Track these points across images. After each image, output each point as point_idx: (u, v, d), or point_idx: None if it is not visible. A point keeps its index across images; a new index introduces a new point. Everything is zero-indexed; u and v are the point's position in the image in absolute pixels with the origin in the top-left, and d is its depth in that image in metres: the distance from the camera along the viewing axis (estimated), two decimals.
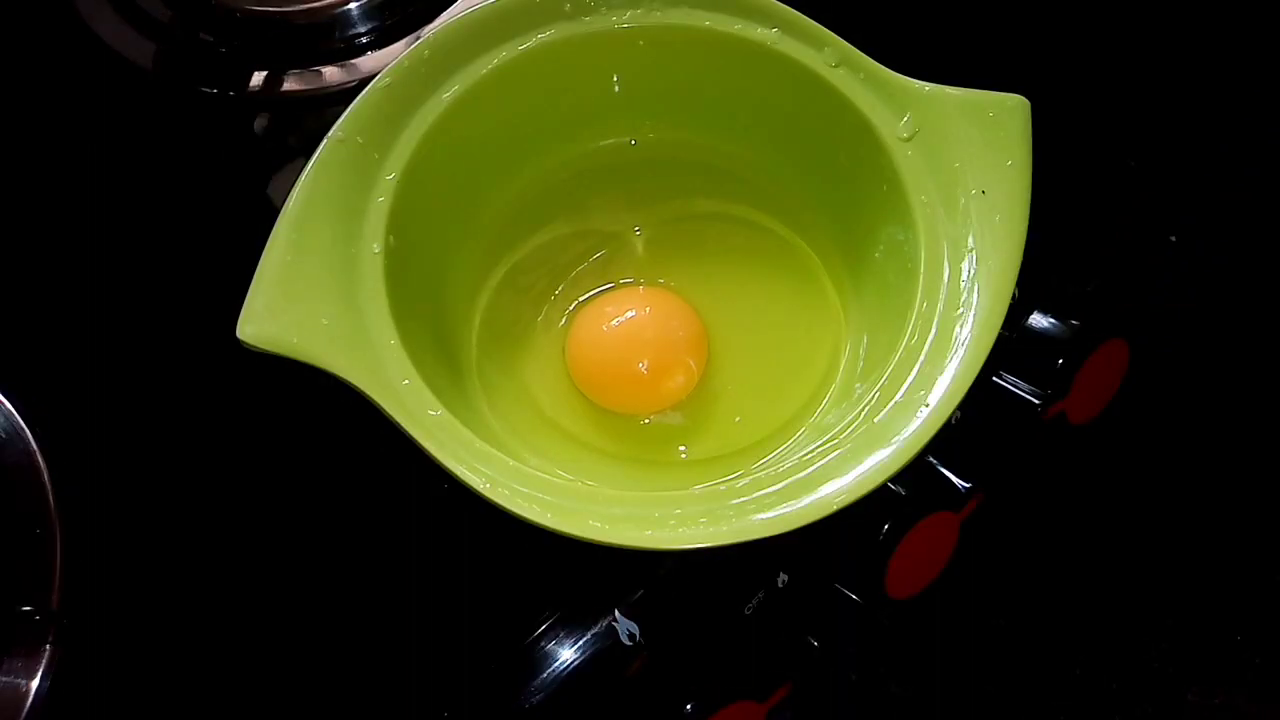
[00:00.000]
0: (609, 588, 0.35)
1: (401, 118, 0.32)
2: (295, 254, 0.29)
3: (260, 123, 0.47)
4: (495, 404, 0.35)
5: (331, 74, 0.47)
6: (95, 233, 0.44)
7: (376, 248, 0.30)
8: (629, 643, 0.35)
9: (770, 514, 0.26)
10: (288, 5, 0.48)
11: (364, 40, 0.48)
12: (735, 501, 0.27)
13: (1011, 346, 0.40)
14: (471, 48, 0.33)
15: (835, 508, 0.26)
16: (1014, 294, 0.40)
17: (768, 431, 0.34)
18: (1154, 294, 0.45)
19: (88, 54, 0.48)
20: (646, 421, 0.35)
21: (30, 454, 0.37)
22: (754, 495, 0.27)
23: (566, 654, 0.34)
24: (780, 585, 0.37)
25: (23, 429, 0.38)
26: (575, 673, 0.34)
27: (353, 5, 0.48)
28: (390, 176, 0.32)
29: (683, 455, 0.35)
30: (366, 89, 0.32)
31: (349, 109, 0.32)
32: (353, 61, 0.47)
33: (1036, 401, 0.38)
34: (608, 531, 0.26)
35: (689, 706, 0.38)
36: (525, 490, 0.27)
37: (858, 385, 0.33)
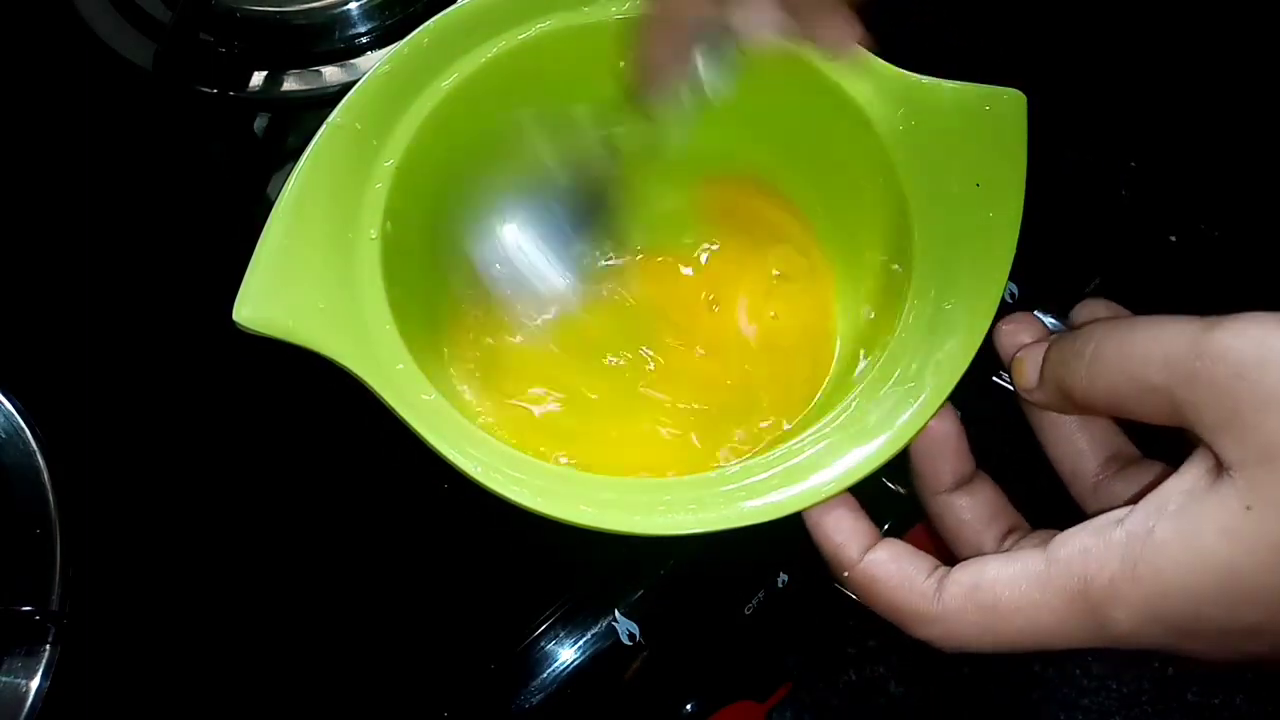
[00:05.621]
0: (609, 588, 0.35)
1: (400, 105, 0.32)
2: (292, 238, 0.29)
3: (260, 123, 0.47)
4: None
5: (331, 74, 0.47)
6: (95, 233, 0.44)
7: (373, 234, 0.30)
8: (629, 643, 0.35)
9: (759, 501, 0.26)
10: (288, 5, 0.48)
11: (364, 40, 0.48)
12: (724, 489, 0.27)
13: None
14: (471, 36, 0.34)
15: (824, 496, 0.26)
16: (1014, 293, 0.40)
17: (762, 420, 0.34)
18: (1154, 294, 0.45)
19: (88, 54, 0.48)
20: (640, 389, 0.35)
21: (30, 454, 0.37)
22: (743, 483, 0.27)
23: (566, 654, 0.34)
24: (780, 585, 0.37)
25: (23, 429, 0.38)
26: (575, 673, 0.34)
27: (353, 5, 0.48)
28: (388, 163, 0.32)
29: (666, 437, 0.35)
30: (366, 75, 0.32)
31: (348, 95, 0.32)
32: (352, 61, 0.47)
33: None
34: (596, 516, 0.26)
35: (689, 706, 0.38)
36: (516, 475, 0.27)
37: (851, 374, 0.33)
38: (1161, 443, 0.25)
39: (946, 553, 0.28)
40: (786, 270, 0.38)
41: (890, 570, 0.26)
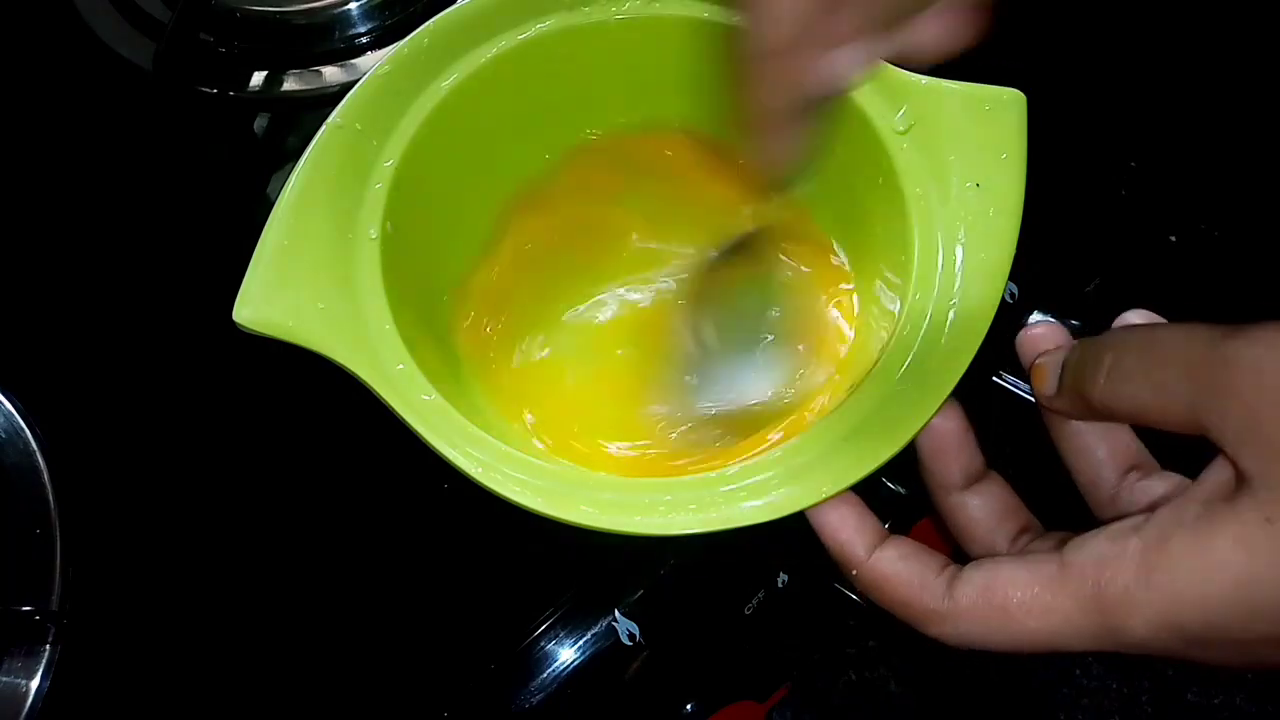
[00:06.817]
0: (609, 588, 0.35)
1: (400, 105, 0.32)
2: (292, 238, 0.29)
3: (260, 123, 0.47)
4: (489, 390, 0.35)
5: (331, 74, 0.47)
6: (95, 232, 0.44)
7: (373, 234, 0.30)
8: (629, 643, 0.35)
9: (759, 501, 0.26)
10: (288, 5, 0.48)
11: (364, 40, 0.48)
12: (725, 489, 0.27)
13: (1012, 346, 0.40)
14: (471, 36, 0.34)
15: (824, 496, 0.26)
16: (1014, 293, 0.40)
17: (763, 419, 0.34)
18: (1154, 294, 0.45)
19: (88, 54, 0.48)
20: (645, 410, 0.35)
21: (30, 454, 0.37)
22: (744, 483, 0.27)
23: (566, 654, 0.34)
24: (780, 585, 0.37)
25: (23, 429, 0.38)
26: (575, 673, 0.34)
27: (353, 5, 0.48)
28: (388, 163, 0.32)
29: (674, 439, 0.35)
30: (366, 76, 0.32)
31: (348, 95, 0.32)
32: (353, 61, 0.47)
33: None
34: (597, 517, 0.26)
35: (689, 706, 0.38)
36: (517, 475, 0.27)
37: (851, 374, 0.33)
38: (1182, 454, 0.25)
39: (952, 550, 0.28)
40: (788, 272, 0.38)
41: (899, 568, 0.26)
